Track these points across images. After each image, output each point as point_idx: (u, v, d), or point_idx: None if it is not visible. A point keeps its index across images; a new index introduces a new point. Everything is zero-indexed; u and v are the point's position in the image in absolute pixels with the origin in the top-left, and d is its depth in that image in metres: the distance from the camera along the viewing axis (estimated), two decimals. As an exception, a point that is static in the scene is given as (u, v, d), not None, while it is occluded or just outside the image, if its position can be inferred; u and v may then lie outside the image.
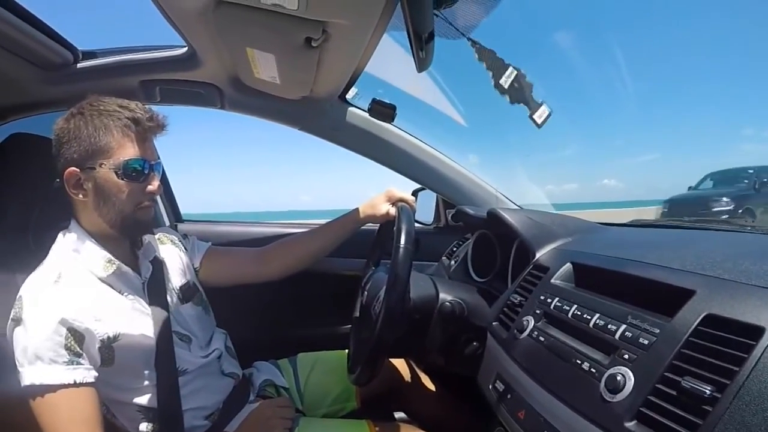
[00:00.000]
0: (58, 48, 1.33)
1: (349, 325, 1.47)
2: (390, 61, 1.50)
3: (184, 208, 2.24)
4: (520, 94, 0.89)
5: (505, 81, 0.88)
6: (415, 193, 1.98)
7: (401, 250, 1.04)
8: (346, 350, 1.46)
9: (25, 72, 1.34)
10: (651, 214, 11.45)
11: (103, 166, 1.01)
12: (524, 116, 0.95)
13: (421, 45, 0.90)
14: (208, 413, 1.17)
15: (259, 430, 1.16)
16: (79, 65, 1.42)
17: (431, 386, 1.55)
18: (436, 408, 1.51)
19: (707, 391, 0.55)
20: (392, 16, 1.04)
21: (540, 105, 0.87)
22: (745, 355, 0.55)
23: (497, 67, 0.89)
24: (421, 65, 0.99)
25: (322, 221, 1.49)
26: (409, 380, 1.53)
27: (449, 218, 2.03)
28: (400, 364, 1.54)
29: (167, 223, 2.13)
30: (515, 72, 0.88)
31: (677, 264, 0.77)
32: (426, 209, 2.09)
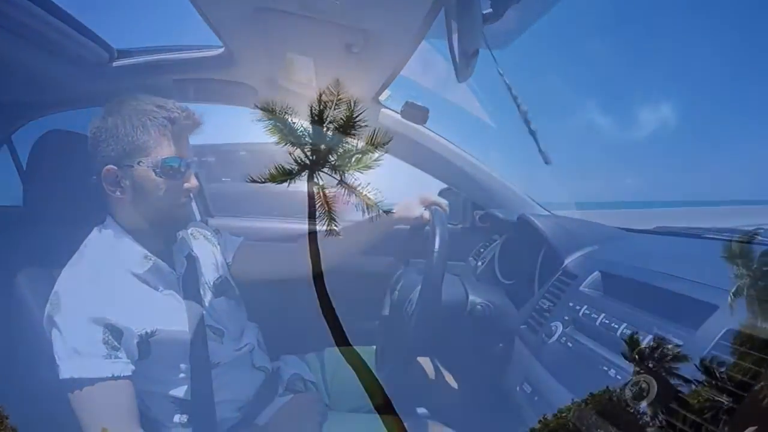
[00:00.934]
0: (93, 47, 1.32)
1: (377, 322, 1.49)
2: (422, 63, 1.50)
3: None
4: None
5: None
6: (441, 193, 1.98)
7: (436, 254, 1.06)
8: (374, 347, 1.48)
9: (61, 70, 1.35)
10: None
11: (141, 164, 1.04)
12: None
13: (467, 59, 0.91)
14: (240, 405, 1.19)
15: (292, 424, 1.18)
16: (114, 64, 1.42)
17: (455, 384, 1.56)
18: (460, 406, 1.52)
19: (725, 402, 0.57)
20: (433, 23, 1.04)
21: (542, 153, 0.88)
22: (763, 370, 0.57)
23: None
24: (463, 76, 1.00)
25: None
26: (434, 378, 1.54)
27: (476, 219, 2.03)
28: (424, 361, 1.55)
29: (198, 218, 2.16)
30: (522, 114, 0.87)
31: (701, 278, 0.79)
32: (453, 209, 2.09)
